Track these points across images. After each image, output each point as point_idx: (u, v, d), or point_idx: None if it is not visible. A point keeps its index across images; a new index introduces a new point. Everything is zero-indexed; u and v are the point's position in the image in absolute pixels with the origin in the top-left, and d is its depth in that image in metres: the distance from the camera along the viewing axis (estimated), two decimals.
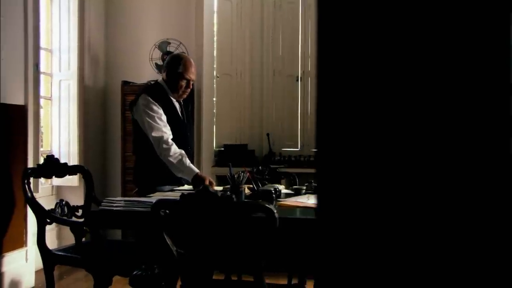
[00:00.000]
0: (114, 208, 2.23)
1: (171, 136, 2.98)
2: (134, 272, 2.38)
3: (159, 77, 4.65)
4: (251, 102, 5.42)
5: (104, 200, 2.33)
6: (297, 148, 5.39)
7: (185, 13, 4.84)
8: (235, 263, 2.01)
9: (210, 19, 5.00)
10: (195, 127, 4.81)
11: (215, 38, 5.08)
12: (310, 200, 2.60)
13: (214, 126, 5.13)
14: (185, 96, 3.19)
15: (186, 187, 3.28)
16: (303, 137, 5.41)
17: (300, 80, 5.38)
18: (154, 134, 2.93)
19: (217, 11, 5.10)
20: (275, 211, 1.89)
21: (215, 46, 5.08)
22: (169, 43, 4.57)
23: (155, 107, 2.97)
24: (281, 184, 3.40)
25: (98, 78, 5.03)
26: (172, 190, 3.01)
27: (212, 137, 5.10)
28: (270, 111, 5.44)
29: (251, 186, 2.78)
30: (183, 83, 3.07)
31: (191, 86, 3.15)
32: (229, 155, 4.97)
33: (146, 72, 4.74)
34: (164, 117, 3.00)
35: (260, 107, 5.45)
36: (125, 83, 4.63)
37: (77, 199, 3.88)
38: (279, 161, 5.10)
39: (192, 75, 3.11)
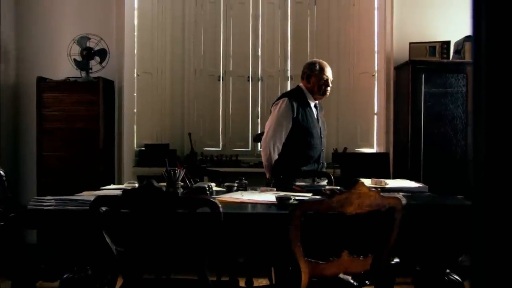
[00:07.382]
0: (45, 208, 2.11)
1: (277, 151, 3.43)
2: (65, 276, 2.25)
3: (78, 73, 4.46)
4: (172, 101, 5.36)
5: (32, 200, 2.20)
6: (219, 147, 5.40)
7: (105, 8, 4.65)
8: (179, 259, 1.98)
9: (131, 16, 4.86)
10: (115, 126, 4.67)
11: (135, 35, 4.94)
12: (244, 196, 2.64)
13: (135, 125, 4.99)
14: (327, 94, 3.53)
15: (112, 186, 3.21)
16: (225, 136, 5.43)
17: (222, 80, 5.40)
18: (273, 140, 3.39)
19: (138, 8, 4.97)
20: (220, 205, 1.89)
21: (135, 43, 4.94)
22: (89, 38, 4.38)
23: (286, 122, 3.38)
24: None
25: (9, 73, 4.68)
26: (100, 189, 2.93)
27: (132, 136, 4.96)
28: (192, 111, 5.41)
29: (183, 183, 2.76)
30: (321, 82, 3.45)
31: (330, 85, 3.50)
32: (150, 154, 4.87)
33: (64, 68, 4.48)
34: (287, 132, 3.40)
35: (181, 107, 5.40)
36: (41, 80, 4.36)
37: None
38: (201, 161, 5.08)
39: (329, 74, 3.49)
